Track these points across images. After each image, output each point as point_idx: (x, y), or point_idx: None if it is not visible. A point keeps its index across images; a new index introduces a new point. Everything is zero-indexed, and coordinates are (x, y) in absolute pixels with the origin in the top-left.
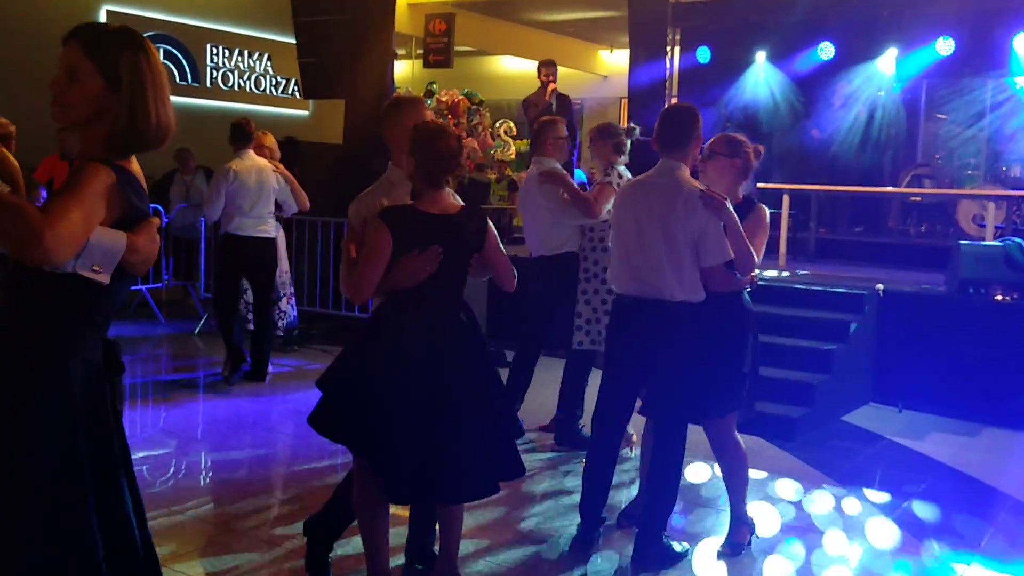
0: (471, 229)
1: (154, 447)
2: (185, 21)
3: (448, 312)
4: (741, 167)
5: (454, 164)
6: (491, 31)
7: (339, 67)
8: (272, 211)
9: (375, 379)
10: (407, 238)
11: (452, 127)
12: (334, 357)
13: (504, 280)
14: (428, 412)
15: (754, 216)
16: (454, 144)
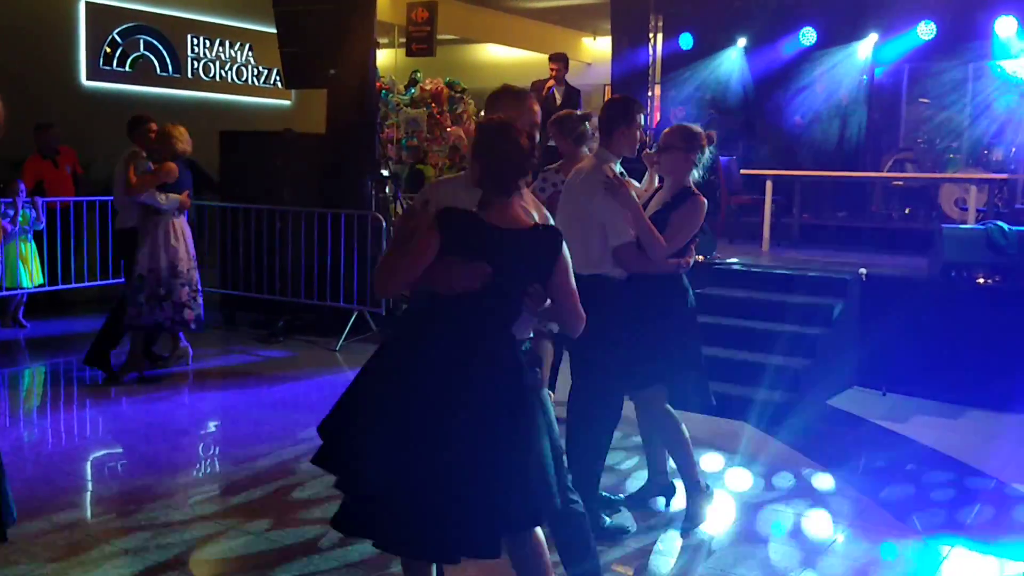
0: (538, 252)
1: (138, 440)
2: (165, 12)
3: (486, 341)
4: (691, 157)
5: (524, 167)
6: (473, 19)
7: (321, 57)
8: (124, 204)
9: (371, 383)
10: (458, 248)
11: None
12: (319, 348)
13: (567, 322)
14: (409, 444)
15: (685, 207)
16: (524, 144)
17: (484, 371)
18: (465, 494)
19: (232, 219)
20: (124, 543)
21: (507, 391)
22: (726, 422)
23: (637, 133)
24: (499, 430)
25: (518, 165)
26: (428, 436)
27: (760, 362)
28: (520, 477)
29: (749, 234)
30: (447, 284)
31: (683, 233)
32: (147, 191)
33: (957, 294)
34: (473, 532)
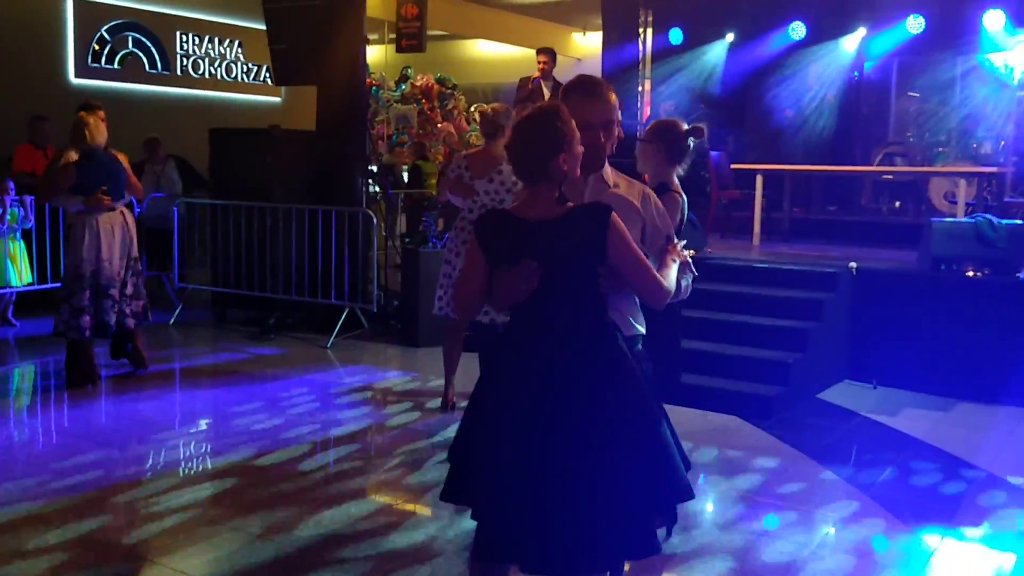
0: (579, 235)
1: (128, 438)
2: (154, 9)
3: (569, 337)
4: (665, 152)
5: (548, 154)
6: (463, 14)
7: (310, 53)
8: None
9: (478, 417)
10: (502, 250)
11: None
12: (310, 345)
13: (646, 296)
14: (529, 460)
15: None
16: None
17: (583, 369)
18: (606, 497)
19: (222, 216)
20: (107, 541)
21: (617, 384)
22: (717, 416)
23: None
24: (618, 424)
25: (543, 152)
26: (546, 449)
27: (751, 356)
28: (658, 467)
29: (739, 229)
30: (509, 296)
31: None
32: (54, 196)
33: (946, 287)
34: (628, 534)
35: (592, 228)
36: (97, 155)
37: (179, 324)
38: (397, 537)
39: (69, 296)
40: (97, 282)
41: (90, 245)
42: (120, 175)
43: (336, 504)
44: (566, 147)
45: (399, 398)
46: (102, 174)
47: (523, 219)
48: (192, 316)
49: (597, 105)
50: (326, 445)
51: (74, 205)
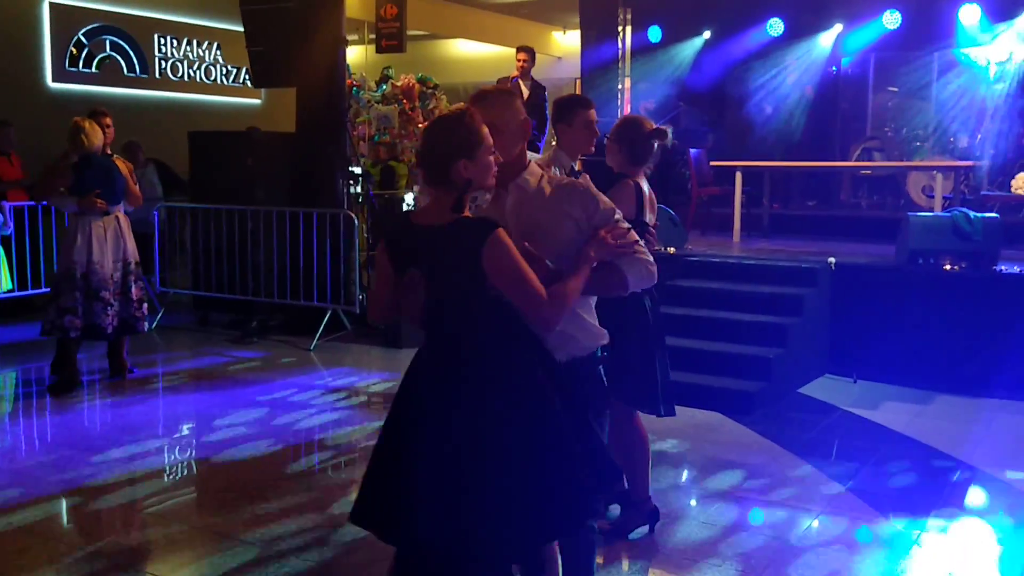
0: (459, 249)
1: (110, 444)
2: (131, 12)
3: (467, 349)
4: (628, 152)
5: (449, 158)
6: (443, 14)
7: (289, 55)
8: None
9: (384, 433)
10: (400, 255)
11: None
12: (293, 348)
13: (529, 318)
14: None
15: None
16: (461, 132)
17: (469, 383)
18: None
19: (203, 220)
20: (92, 547)
21: (496, 396)
22: (700, 412)
23: (582, 130)
24: (501, 439)
25: (444, 154)
26: (434, 462)
27: (732, 352)
28: (536, 485)
29: (720, 225)
30: (405, 307)
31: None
32: (50, 196)
33: (924, 281)
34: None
35: (471, 244)
36: (95, 159)
37: (161, 328)
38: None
39: (57, 296)
40: (88, 284)
41: (81, 247)
42: (117, 180)
43: (320, 507)
44: (468, 153)
45: (383, 399)
46: (98, 178)
47: (416, 224)
48: (174, 320)
49: (496, 110)
50: (310, 448)
51: (69, 206)
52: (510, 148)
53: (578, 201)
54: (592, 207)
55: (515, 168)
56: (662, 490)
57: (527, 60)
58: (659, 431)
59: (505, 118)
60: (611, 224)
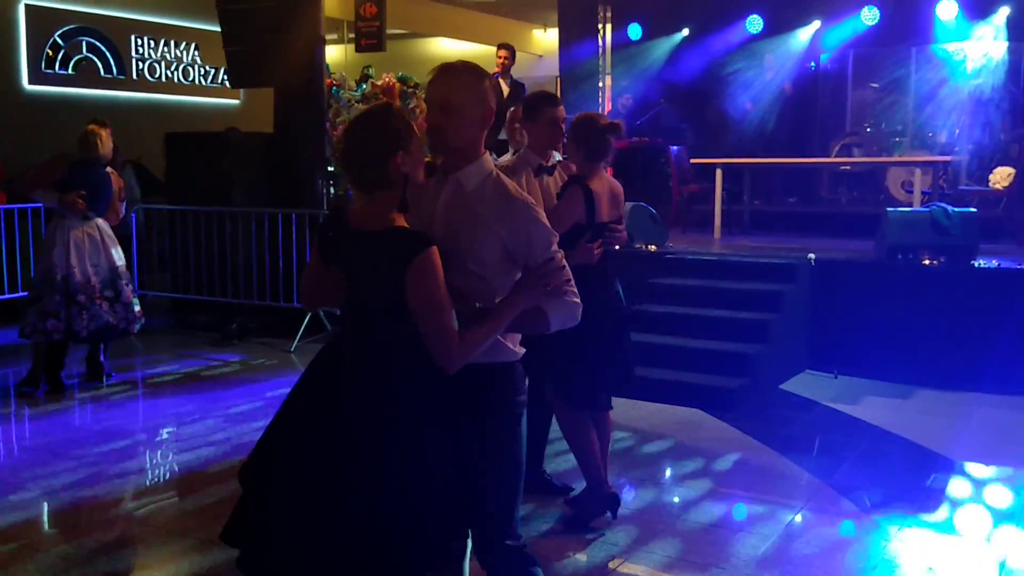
0: (383, 261)
1: (88, 449)
2: (108, 13)
3: (355, 357)
4: (584, 150)
5: (384, 155)
6: (423, 12)
7: (266, 55)
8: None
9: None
10: (329, 250)
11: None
12: (274, 349)
13: (432, 351)
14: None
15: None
16: (391, 126)
17: (354, 389)
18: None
19: (181, 222)
20: (69, 552)
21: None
22: (681, 409)
23: (547, 128)
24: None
25: (377, 152)
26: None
27: (712, 349)
28: (385, 513)
29: (700, 222)
30: (326, 298)
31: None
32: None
33: (903, 276)
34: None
35: (400, 256)
36: (94, 166)
37: (140, 332)
38: None
39: (37, 300)
40: (68, 287)
41: (60, 251)
42: (105, 191)
43: None
44: (404, 145)
45: None
46: (88, 183)
47: (348, 224)
48: (153, 323)
49: (456, 88)
50: None
51: (50, 201)
52: (461, 134)
53: (514, 222)
54: (525, 234)
55: (462, 158)
56: (643, 486)
57: (508, 57)
58: (641, 426)
59: (463, 99)
60: (547, 259)
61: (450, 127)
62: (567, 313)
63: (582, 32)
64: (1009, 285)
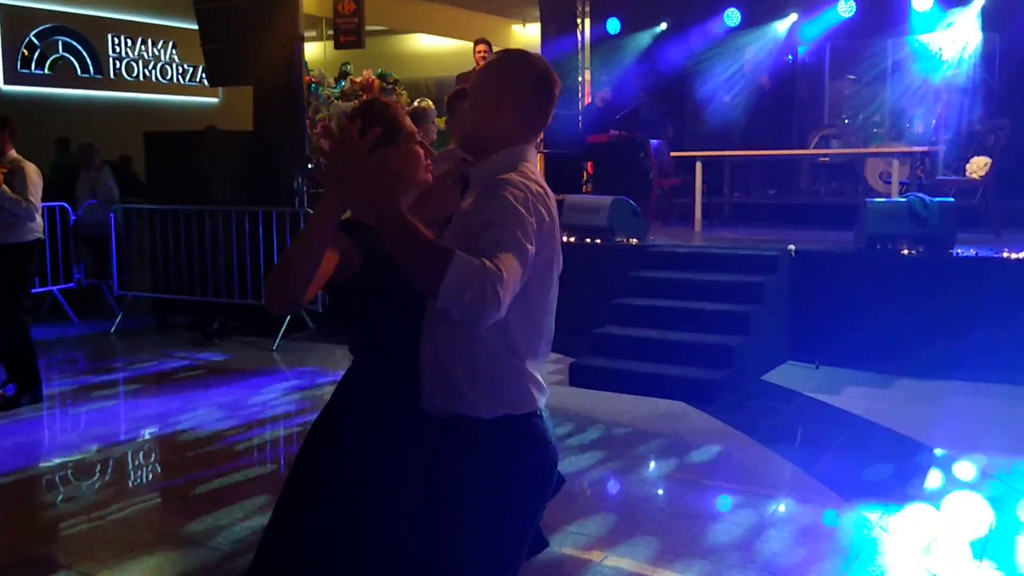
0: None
1: (75, 451)
2: (84, 12)
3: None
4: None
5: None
6: (402, 9)
7: (245, 52)
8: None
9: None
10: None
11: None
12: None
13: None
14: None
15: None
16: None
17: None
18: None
19: (161, 221)
20: (51, 557)
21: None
22: (664, 402)
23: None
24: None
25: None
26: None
27: (695, 341)
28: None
29: (681, 215)
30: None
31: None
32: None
33: (882, 266)
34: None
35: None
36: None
37: (120, 332)
38: None
39: None
40: None
41: None
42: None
43: None
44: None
45: None
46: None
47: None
48: (134, 323)
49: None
50: (276, 449)
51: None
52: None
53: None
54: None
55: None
56: (626, 479)
57: (486, 51)
58: (623, 420)
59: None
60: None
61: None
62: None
63: (562, 27)
64: (987, 273)
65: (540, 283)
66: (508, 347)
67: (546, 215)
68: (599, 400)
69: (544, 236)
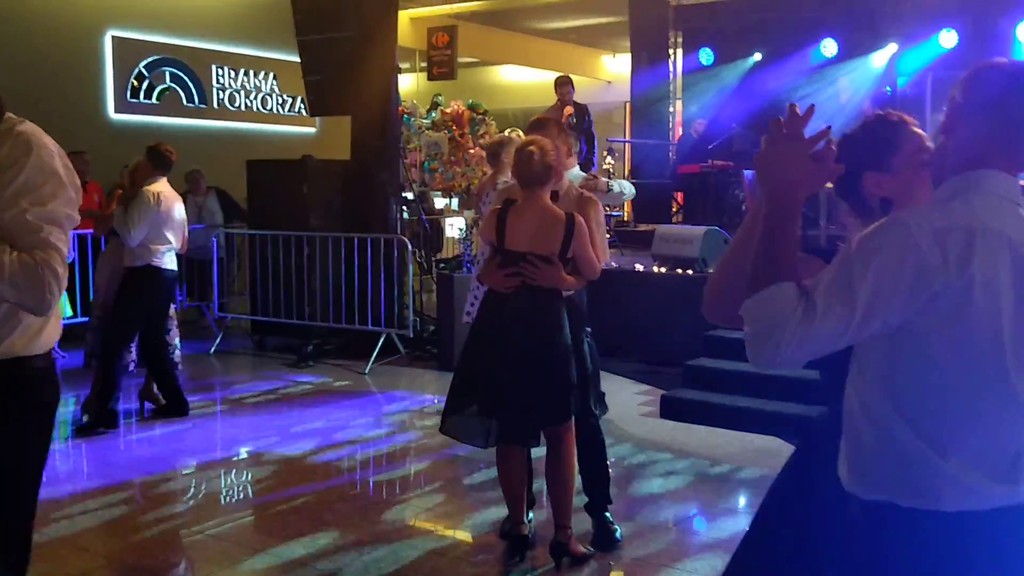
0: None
1: (173, 466)
2: (190, 44)
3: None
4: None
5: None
6: (493, 41)
7: (344, 84)
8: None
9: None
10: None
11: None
12: (348, 371)
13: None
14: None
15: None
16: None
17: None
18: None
19: (260, 246)
20: (149, 569)
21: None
22: (759, 438)
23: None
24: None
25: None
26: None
27: (791, 376)
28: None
29: None
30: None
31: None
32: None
33: None
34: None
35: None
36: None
37: (219, 353)
38: (443, 563)
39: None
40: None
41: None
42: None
43: (377, 531)
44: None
45: (437, 422)
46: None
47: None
48: (232, 345)
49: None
50: (366, 472)
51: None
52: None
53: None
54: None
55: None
56: (721, 515)
57: (566, 93)
58: (717, 454)
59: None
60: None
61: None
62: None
63: (653, 57)
64: None
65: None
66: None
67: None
68: (691, 433)
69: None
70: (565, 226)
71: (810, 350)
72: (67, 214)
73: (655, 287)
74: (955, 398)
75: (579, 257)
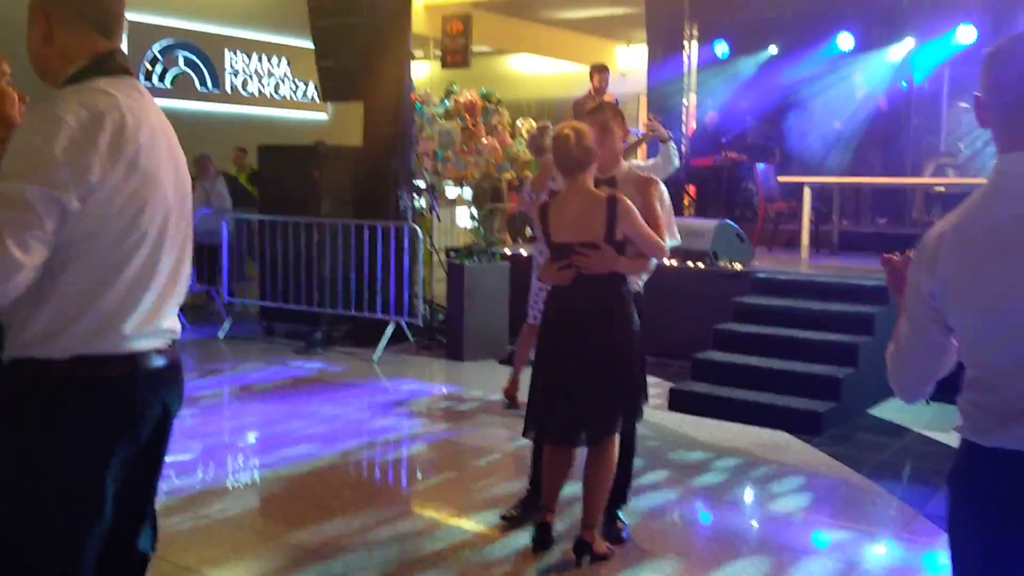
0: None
1: (181, 451)
2: (204, 28)
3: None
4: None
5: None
6: (508, 30)
7: (357, 70)
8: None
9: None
10: None
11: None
12: (357, 359)
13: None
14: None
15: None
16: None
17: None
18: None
19: (271, 232)
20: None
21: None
22: (766, 432)
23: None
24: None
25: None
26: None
27: (800, 371)
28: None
29: (787, 242)
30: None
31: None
32: None
33: None
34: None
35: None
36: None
37: (228, 338)
38: (448, 552)
39: None
40: None
41: None
42: None
43: (384, 518)
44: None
45: (445, 412)
46: None
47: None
48: (241, 330)
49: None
50: (372, 459)
51: None
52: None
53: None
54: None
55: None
56: (726, 509)
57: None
58: (724, 448)
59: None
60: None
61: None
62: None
63: (668, 49)
64: None
65: None
66: None
67: None
68: (699, 426)
69: None
70: (607, 208)
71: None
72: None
73: (666, 280)
74: None
75: (632, 237)
